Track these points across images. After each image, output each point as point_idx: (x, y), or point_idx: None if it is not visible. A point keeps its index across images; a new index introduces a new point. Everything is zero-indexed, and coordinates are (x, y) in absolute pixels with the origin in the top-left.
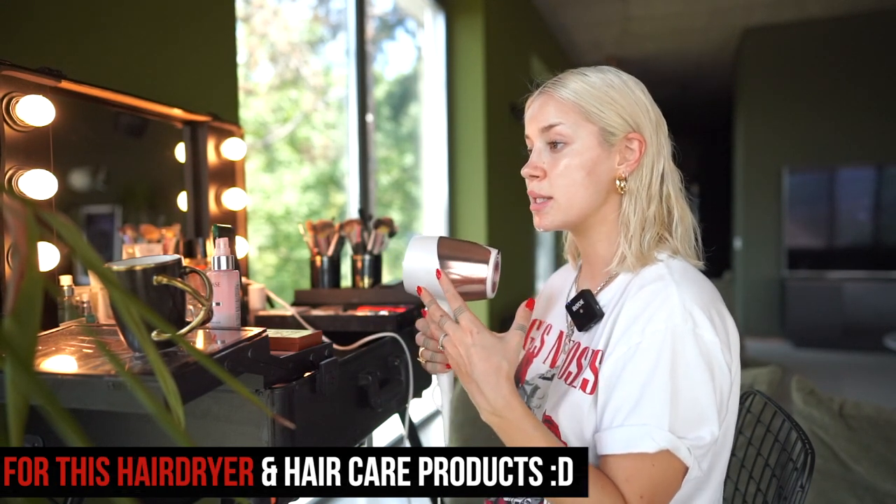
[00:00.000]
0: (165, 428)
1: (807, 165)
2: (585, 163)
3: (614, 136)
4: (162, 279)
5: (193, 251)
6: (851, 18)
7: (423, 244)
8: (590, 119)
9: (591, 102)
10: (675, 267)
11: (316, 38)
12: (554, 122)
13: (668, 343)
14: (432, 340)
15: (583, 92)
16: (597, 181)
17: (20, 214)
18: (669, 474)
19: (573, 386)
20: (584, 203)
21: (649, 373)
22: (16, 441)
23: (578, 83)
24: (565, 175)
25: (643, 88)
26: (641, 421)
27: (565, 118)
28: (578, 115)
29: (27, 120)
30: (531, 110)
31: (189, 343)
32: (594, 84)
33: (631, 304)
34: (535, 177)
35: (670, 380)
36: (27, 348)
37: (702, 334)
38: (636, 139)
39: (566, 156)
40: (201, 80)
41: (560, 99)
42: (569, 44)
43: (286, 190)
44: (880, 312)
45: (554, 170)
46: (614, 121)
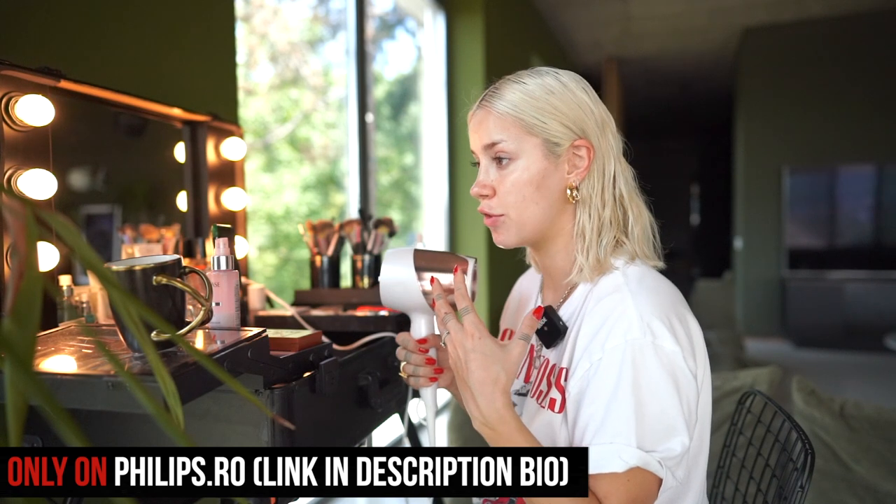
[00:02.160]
0: (165, 428)
1: (807, 165)
2: (533, 177)
3: (559, 146)
4: (161, 279)
5: (193, 251)
6: (851, 18)
7: (398, 257)
8: (532, 132)
9: (531, 114)
10: (632, 275)
11: (316, 37)
12: (496, 140)
13: (629, 358)
14: (415, 354)
15: (521, 104)
16: (547, 194)
17: (19, 214)
18: (645, 487)
19: (542, 406)
20: (537, 218)
21: (612, 390)
22: (15, 441)
23: (517, 94)
24: (514, 192)
25: (585, 87)
26: (608, 440)
27: (506, 134)
28: (520, 129)
29: (26, 120)
30: (472, 125)
31: (188, 343)
32: (532, 93)
33: (590, 318)
34: (484, 195)
35: (633, 395)
36: (26, 348)
37: (662, 345)
38: (583, 146)
39: (513, 171)
40: (201, 80)
41: (498, 114)
42: (569, 44)
43: (286, 190)
44: (881, 312)
45: (502, 187)
46: (558, 130)
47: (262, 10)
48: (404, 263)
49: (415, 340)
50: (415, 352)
